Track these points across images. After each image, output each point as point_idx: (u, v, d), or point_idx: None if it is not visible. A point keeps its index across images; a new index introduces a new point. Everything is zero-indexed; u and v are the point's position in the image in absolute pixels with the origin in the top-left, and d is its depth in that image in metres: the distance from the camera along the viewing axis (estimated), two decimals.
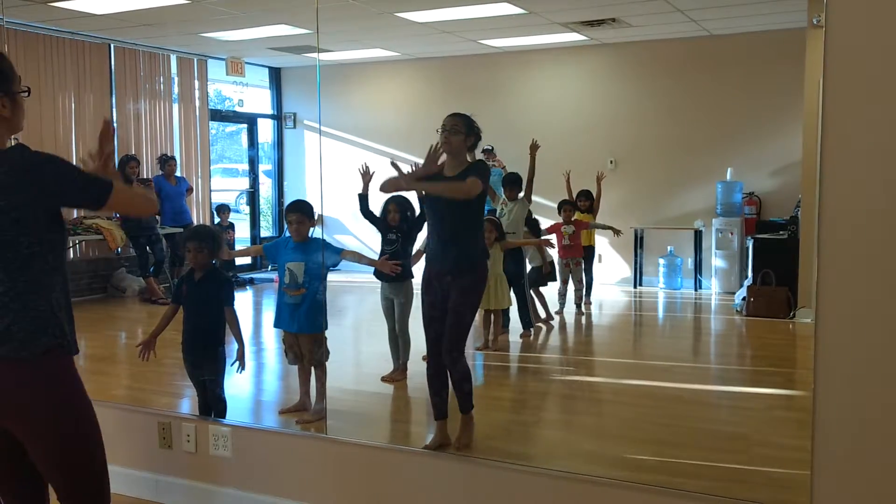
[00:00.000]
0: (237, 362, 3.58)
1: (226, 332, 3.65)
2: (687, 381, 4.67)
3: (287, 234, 3.97)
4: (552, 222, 5.79)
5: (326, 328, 3.90)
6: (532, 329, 5.35)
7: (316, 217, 4.03)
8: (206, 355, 3.62)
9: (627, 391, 4.52)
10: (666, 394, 4.37)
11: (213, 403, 3.64)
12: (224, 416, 3.59)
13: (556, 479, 2.82)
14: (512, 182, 5.08)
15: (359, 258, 4.04)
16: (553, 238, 5.69)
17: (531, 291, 5.41)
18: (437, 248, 3.39)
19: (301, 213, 3.89)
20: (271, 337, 5.32)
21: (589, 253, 6.11)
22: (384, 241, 4.30)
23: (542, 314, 5.59)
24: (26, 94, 2.10)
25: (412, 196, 4.06)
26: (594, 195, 6.06)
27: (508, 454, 3.26)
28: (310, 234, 3.91)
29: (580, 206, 5.97)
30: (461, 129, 3.31)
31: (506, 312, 5.10)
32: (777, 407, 4.05)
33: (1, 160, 1.98)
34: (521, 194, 5.00)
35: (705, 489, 2.67)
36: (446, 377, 3.43)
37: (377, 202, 4.21)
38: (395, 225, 4.24)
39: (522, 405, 4.42)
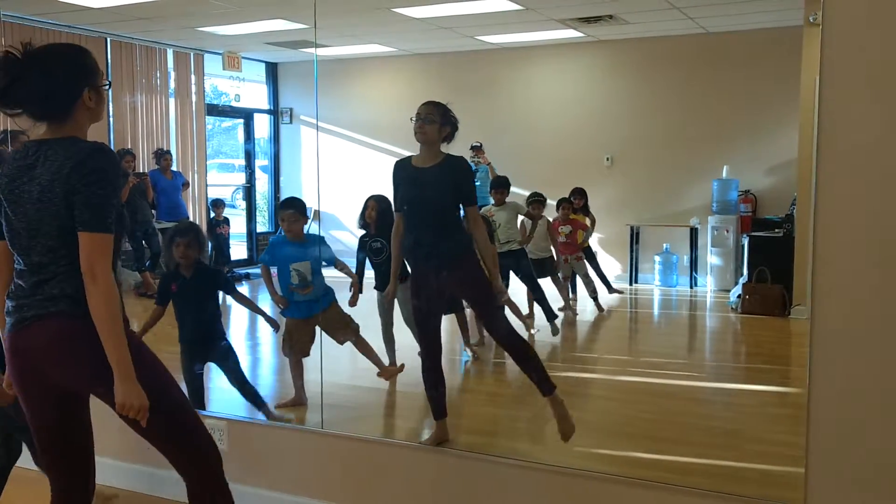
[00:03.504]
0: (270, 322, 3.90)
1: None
2: (681, 378, 4.68)
3: (281, 232, 3.96)
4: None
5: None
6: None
7: (312, 213, 4.03)
8: (215, 347, 3.69)
9: (622, 387, 4.53)
10: (660, 390, 4.39)
11: (249, 397, 3.77)
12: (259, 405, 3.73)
13: (552, 474, 2.83)
14: (500, 185, 4.99)
15: (347, 272, 4.04)
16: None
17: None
18: (427, 248, 3.35)
19: (295, 210, 3.88)
20: (267, 331, 5.32)
21: (586, 253, 6.10)
22: (370, 251, 4.19)
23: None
24: (107, 87, 2.22)
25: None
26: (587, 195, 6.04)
27: (503, 449, 3.27)
28: (304, 231, 3.92)
29: (574, 204, 5.96)
30: (436, 119, 3.28)
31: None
32: (771, 404, 4.06)
33: (76, 148, 2.08)
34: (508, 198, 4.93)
35: (698, 485, 2.68)
36: (441, 373, 3.43)
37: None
38: (372, 224, 4.12)
39: (518, 401, 4.42)
